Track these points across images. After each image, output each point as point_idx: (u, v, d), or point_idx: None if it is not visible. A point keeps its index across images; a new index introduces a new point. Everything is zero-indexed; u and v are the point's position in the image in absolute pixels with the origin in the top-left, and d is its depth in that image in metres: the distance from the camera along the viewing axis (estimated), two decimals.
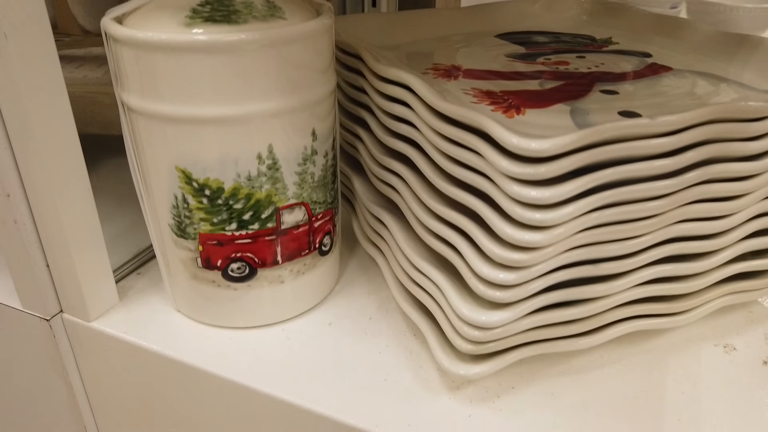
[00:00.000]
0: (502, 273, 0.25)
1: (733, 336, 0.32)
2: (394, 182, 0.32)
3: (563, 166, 0.23)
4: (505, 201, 0.24)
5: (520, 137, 0.22)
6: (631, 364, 0.30)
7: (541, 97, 0.30)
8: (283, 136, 0.28)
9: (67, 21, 0.63)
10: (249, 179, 0.28)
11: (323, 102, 0.30)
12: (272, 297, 0.32)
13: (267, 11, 0.27)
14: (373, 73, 0.31)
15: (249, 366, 0.30)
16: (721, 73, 0.34)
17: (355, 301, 0.35)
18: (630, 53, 0.38)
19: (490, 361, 0.28)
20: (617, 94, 0.31)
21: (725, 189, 0.27)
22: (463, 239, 0.27)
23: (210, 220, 0.29)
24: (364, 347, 0.31)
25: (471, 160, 0.25)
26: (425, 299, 0.29)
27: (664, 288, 0.29)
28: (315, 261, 0.32)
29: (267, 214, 0.29)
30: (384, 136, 0.32)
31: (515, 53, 0.38)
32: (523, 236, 0.24)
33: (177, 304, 0.33)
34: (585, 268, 0.27)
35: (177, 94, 0.26)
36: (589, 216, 0.25)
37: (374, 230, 0.35)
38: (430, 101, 0.26)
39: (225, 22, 0.26)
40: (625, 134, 0.24)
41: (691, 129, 0.25)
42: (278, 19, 0.27)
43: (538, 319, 0.27)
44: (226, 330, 0.32)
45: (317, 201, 0.31)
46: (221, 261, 0.30)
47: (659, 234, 0.27)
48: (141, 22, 0.27)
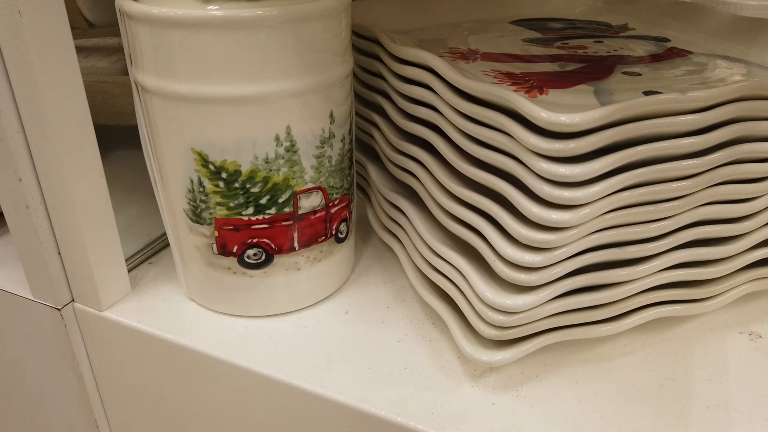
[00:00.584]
0: (528, 254, 0.24)
1: (758, 324, 0.32)
2: (412, 167, 0.31)
3: (592, 142, 0.22)
4: (532, 179, 0.23)
5: (549, 111, 0.22)
6: (655, 352, 0.30)
7: (563, 78, 0.29)
8: (301, 118, 0.27)
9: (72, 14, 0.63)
10: (266, 162, 0.27)
11: (341, 84, 0.29)
12: (288, 285, 0.31)
13: None
14: (390, 55, 0.31)
15: (266, 354, 0.29)
16: (742, 56, 0.34)
17: (372, 290, 0.34)
18: (647, 38, 0.38)
19: (514, 348, 0.27)
20: (640, 75, 0.30)
21: (754, 170, 0.26)
22: (487, 222, 0.26)
23: (226, 204, 0.28)
24: (383, 336, 0.31)
25: (496, 139, 0.25)
26: (446, 285, 0.29)
27: (689, 273, 0.28)
28: (331, 248, 0.32)
29: (284, 198, 0.29)
30: (402, 120, 0.31)
31: (531, 38, 0.37)
32: (550, 215, 0.23)
33: (191, 292, 0.33)
34: (611, 251, 0.26)
35: (193, 73, 0.26)
36: (617, 195, 0.24)
37: (390, 218, 0.34)
38: (452, 79, 0.26)
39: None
40: (655, 110, 0.23)
41: (722, 106, 0.24)
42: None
43: (563, 304, 0.26)
44: (241, 319, 0.32)
45: (334, 186, 0.30)
46: (237, 247, 0.29)
47: (686, 216, 0.26)
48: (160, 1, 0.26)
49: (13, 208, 0.30)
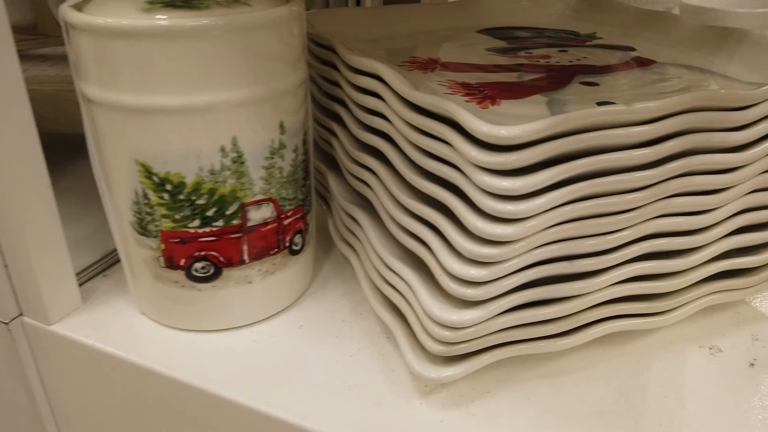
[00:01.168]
0: (473, 269, 0.24)
1: (719, 337, 0.31)
2: (367, 178, 0.31)
3: (535, 154, 0.22)
4: (475, 192, 0.23)
5: (489, 124, 0.21)
6: (612, 367, 0.29)
7: (518, 89, 0.29)
8: (248, 128, 0.27)
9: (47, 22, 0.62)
10: (212, 173, 0.27)
11: (292, 94, 0.28)
12: (240, 298, 0.30)
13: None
14: (346, 64, 0.30)
15: (211, 370, 0.29)
16: (707, 66, 0.33)
17: (329, 303, 0.34)
18: (614, 47, 0.37)
19: (463, 364, 0.26)
20: (597, 85, 0.30)
21: (708, 182, 0.26)
22: (434, 234, 0.26)
23: (172, 216, 0.28)
24: (335, 351, 0.30)
25: (441, 150, 0.24)
26: (396, 298, 0.28)
27: (644, 286, 0.28)
28: (285, 261, 0.31)
29: (232, 210, 0.28)
30: (357, 130, 0.31)
31: (496, 47, 0.37)
32: (494, 229, 0.23)
33: (141, 306, 0.32)
34: (561, 265, 0.25)
35: (135, 83, 0.25)
36: (563, 208, 0.23)
37: (348, 229, 0.34)
38: (399, 90, 0.25)
39: (186, 7, 0.25)
40: (600, 122, 0.22)
41: (671, 117, 0.24)
42: (242, 5, 0.26)
43: (513, 319, 0.26)
44: (190, 333, 0.31)
45: (287, 198, 0.30)
46: (185, 260, 0.29)
47: (639, 229, 0.26)
48: (100, 9, 0.26)
49: None
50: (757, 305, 0.34)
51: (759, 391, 0.28)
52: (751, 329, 0.32)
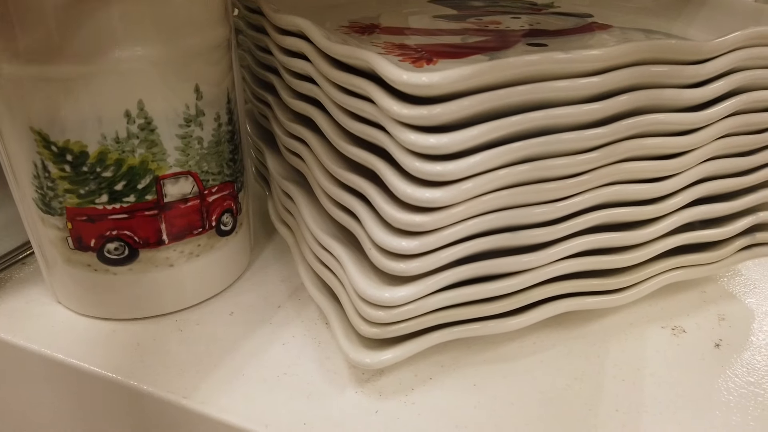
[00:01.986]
0: (404, 240, 0.21)
1: (683, 317, 0.29)
2: (298, 149, 0.28)
3: (463, 106, 0.19)
4: (399, 153, 0.20)
5: (409, 72, 0.19)
6: (566, 350, 0.27)
7: (459, 49, 0.27)
8: (157, 91, 0.24)
9: None
10: (118, 142, 0.24)
11: (209, 55, 0.26)
12: (161, 283, 0.28)
13: None
14: (273, 26, 0.28)
15: (130, 363, 0.26)
16: (665, 30, 0.31)
17: (265, 289, 0.31)
18: (570, 14, 0.35)
19: (400, 347, 0.24)
20: (546, 46, 0.28)
21: (663, 144, 0.24)
22: (364, 205, 0.23)
23: (76, 191, 0.25)
24: (267, 339, 0.27)
25: (365, 110, 0.22)
26: (329, 278, 0.26)
27: (598, 261, 0.25)
28: (212, 242, 0.28)
29: (144, 184, 0.25)
30: (288, 98, 0.28)
31: (445, 14, 0.34)
32: (422, 194, 0.20)
33: (56, 294, 0.29)
34: (504, 236, 0.23)
35: (25, 41, 0.22)
36: (501, 171, 0.21)
37: (285, 208, 0.31)
38: (318, 42, 0.23)
39: None
40: (538, 71, 0.20)
41: (620, 70, 0.21)
42: None
43: (453, 296, 0.23)
44: (109, 322, 0.28)
45: (209, 171, 0.27)
46: (95, 240, 0.26)
47: (589, 197, 0.24)
48: None
49: None
50: (725, 283, 0.32)
51: (723, 373, 0.26)
52: (718, 309, 0.30)
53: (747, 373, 0.26)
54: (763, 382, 0.25)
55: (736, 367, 0.26)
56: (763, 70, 0.24)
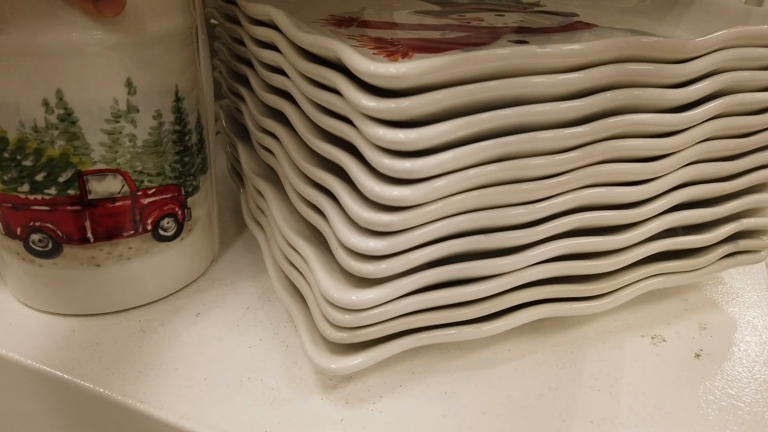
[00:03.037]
0: (372, 240, 0.20)
1: (663, 326, 0.28)
2: (270, 144, 0.27)
3: (433, 100, 0.18)
4: (367, 148, 0.19)
5: (376, 62, 0.18)
6: (542, 358, 0.26)
7: (437, 44, 0.26)
8: (77, 81, 0.23)
9: None
10: (36, 131, 0.23)
11: (146, 47, 0.24)
12: (85, 282, 0.26)
13: None
14: (246, 15, 0.27)
15: (89, 363, 0.25)
16: (651, 30, 0.31)
17: (233, 288, 0.30)
18: (555, 13, 0.34)
19: (367, 353, 0.23)
20: (527, 43, 0.27)
21: (643, 146, 0.23)
22: (332, 203, 0.22)
23: (1, 177, 0.24)
24: (233, 341, 0.26)
25: (334, 103, 0.21)
26: (297, 279, 0.25)
27: (576, 266, 0.24)
28: (148, 246, 0.27)
29: (66, 177, 0.24)
30: (261, 91, 0.27)
31: (427, 10, 0.34)
32: (390, 192, 0.19)
33: (8, 285, 0.28)
34: (477, 239, 0.22)
35: None
36: (473, 170, 0.20)
37: (257, 205, 0.30)
38: (286, 31, 0.22)
39: None
40: (513, 66, 0.19)
41: (598, 67, 0.20)
42: None
43: (423, 300, 0.22)
44: (70, 319, 0.27)
45: (145, 172, 0.26)
46: (20, 229, 0.25)
47: (566, 199, 0.23)
48: None
49: None
50: (707, 292, 0.31)
51: (703, 384, 0.25)
52: (699, 317, 0.29)
53: (727, 384, 0.25)
54: (743, 395, 0.24)
55: (716, 379, 0.25)
56: (748, 71, 0.24)
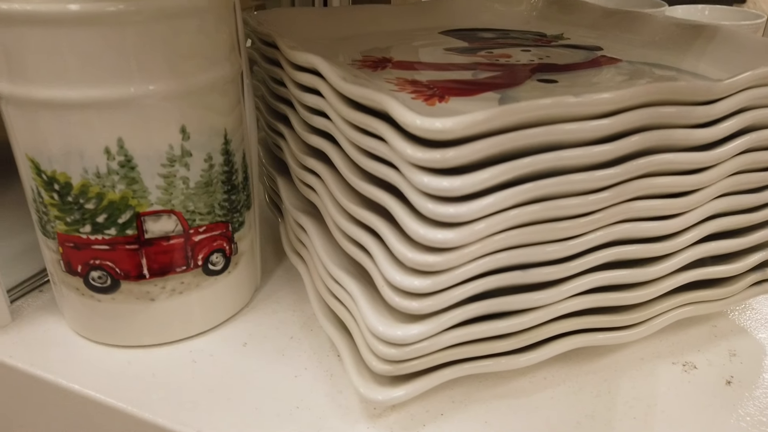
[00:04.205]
0: (416, 279, 0.22)
1: (694, 353, 0.29)
2: (312, 182, 0.29)
3: (476, 150, 0.20)
4: (413, 194, 0.21)
5: (423, 117, 0.19)
6: (577, 386, 0.27)
7: (471, 86, 0.27)
8: (137, 130, 0.24)
9: None
10: (98, 176, 0.25)
11: (198, 96, 0.25)
12: (141, 316, 0.28)
13: None
14: (289, 61, 0.28)
15: (144, 394, 0.26)
16: (674, 64, 0.32)
17: (277, 318, 0.31)
18: (579, 47, 0.35)
19: (412, 384, 0.24)
20: (556, 82, 0.28)
21: (673, 183, 0.24)
22: (377, 242, 0.23)
23: (64, 218, 0.26)
24: (280, 371, 0.28)
25: (379, 149, 0.22)
26: (342, 313, 0.26)
27: (609, 298, 0.25)
28: (198, 280, 0.28)
29: (125, 219, 0.26)
30: (303, 132, 0.29)
31: (456, 47, 0.35)
32: (435, 234, 0.20)
33: (66, 318, 0.30)
34: (515, 275, 0.23)
35: (10, 72, 0.23)
36: (513, 211, 0.21)
37: (298, 238, 0.32)
38: (332, 82, 0.23)
39: None
40: (549, 115, 0.20)
41: (628, 111, 0.22)
42: None
43: (464, 333, 0.23)
44: (125, 351, 0.29)
45: (196, 211, 0.27)
46: (81, 267, 0.27)
47: (599, 235, 0.24)
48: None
49: None
50: (736, 318, 0.32)
51: (735, 412, 0.26)
52: (729, 344, 0.30)
53: (759, 412, 0.26)
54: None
55: (748, 406, 0.26)
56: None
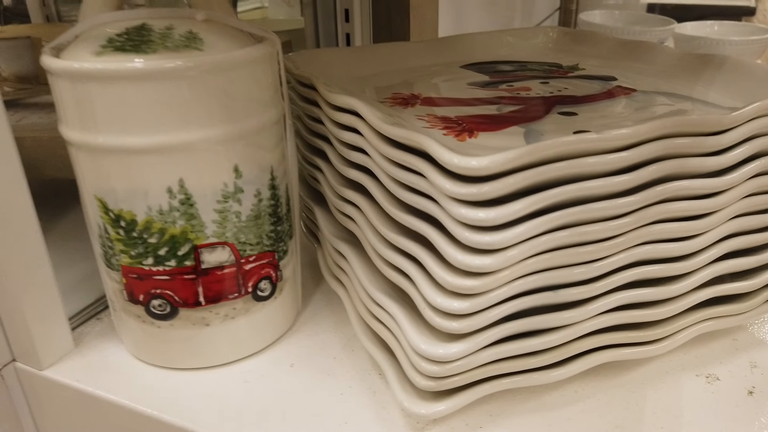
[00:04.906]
0: (456, 301, 0.24)
1: (716, 365, 0.31)
2: (351, 212, 0.31)
3: (508, 184, 0.22)
4: (452, 224, 0.23)
5: (460, 156, 0.21)
6: (607, 399, 0.28)
7: (497, 121, 0.29)
8: (195, 171, 0.27)
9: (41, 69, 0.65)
10: (161, 213, 0.27)
11: (252, 138, 0.28)
12: (197, 340, 0.30)
13: (183, 42, 0.26)
14: (327, 102, 0.31)
15: (203, 412, 0.28)
16: (686, 93, 0.34)
17: (319, 339, 0.33)
18: (595, 78, 0.38)
19: (453, 398, 0.26)
20: (576, 115, 0.30)
21: (689, 207, 0.26)
22: (417, 268, 0.26)
23: (128, 252, 0.28)
24: (326, 389, 0.30)
25: (418, 183, 0.24)
26: (384, 333, 0.28)
27: (634, 315, 0.27)
28: (248, 306, 0.31)
29: (184, 251, 0.28)
30: (341, 165, 0.31)
31: (478, 81, 0.37)
32: (473, 261, 0.23)
33: (125, 344, 0.32)
34: (546, 295, 0.25)
35: (81, 122, 0.26)
36: (542, 237, 0.23)
37: (337, 264, 0.34)
38: (374, 125, 0.26)
39: (133, 51, 0.25)
40: (572, 150, 0.23)
41: (645, 144, 0.24)
42: (193, 50, 0.26)
43: (500, 351, 0.25)
44: (181, 373, 0.31)
45: (247, 242, 0.29)
46: (143, 296, 0.29)
47: (623, 257, 0.26)
48: (69, 53, 0.27)
49: None
50: (755, 331, 0.33)
51: (758, 420, 0.27)
52: (749, 356, 0.31)
53: None
54: None
55: None
56: None
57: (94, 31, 0.26)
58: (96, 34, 0.26)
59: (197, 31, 0.26)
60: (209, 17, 0.27)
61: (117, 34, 0.26)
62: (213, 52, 0.26)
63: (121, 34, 0.26)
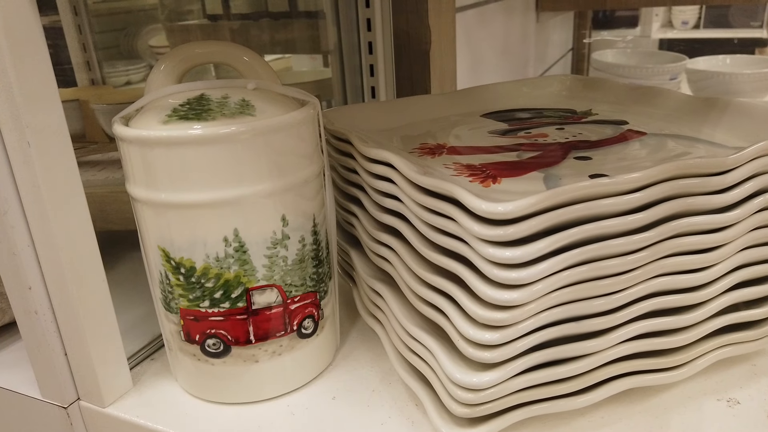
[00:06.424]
0: (487, 333, 0.26)
1: (736, 390, 0.32)
2: (386, 254, 0.34)
3: (531, 226, 0.24)
4: (481, 263, 0.25)
5: (487, 202, 0.24)
6: (632, 423, 0.30)
7: (518, 167, 0.32)
8: (248, 222, 0.30)
9: (93, 130, 0.69)
10: (217, 260, 0.30)
11: (297, 190, 0.31)
12: (247, 376, 0.33)
13: (238, 109, 0.29)
14: (362, 154, 0.34)
15: None
16: (694, 134, 0.36)
17: (357, 373, 0.36)
18: (607, 122, 0.40)
19: (487, 424, 0.28)
20: (591, 159, 0.33)
21: (699, 241, 0.28)
22: (450, 303, 0.28)
23: (187, 296, 0.31)
24: (367, 420, 0.32)
25: (449, 227, 0.27)
26: (420, 365, 0.30)
27: (653, 342, 0.29)
28: (293, 343, 0.33)
29: (237, 293, 0.31)
30: (375, 212, 0.34)
31: (498, 129, 0.40)
32: (501, 295, 0.25)
33: (178, 380, 0.35)
34: (570, 326, 0.27)
35: (147, 181, 0.30)
36: (564, 273, 0.26)
37: (373, 302, 0.36)
38: (408, 175, 0.28)
39: (195, 119, 0.29)
40: (589, 194, 0.25)
41: (654, 186, 0.26)
42: (246, 115, 0.29)
43: (530, 379, 0.28)
44: (232, 407, 0.33)
45: (292, 284, 0.32)
46: (199, 336, 0.32)
47: (639, 288, 0.28)
48: (137, 122, 0.30)
49: (23, 313, 0.33)
50: None
51: None
52: None
53: None
54: None
55: None
56: None
57: (159, 102, 0.30)
58: (161, 104, 0.30)
59: (249, 98, 0.30)
60: (259, 86, 0.31)
61: (180, 105, 0.29)
62: (264, 117, 0.29)
63: (183, 104, 0.29)
